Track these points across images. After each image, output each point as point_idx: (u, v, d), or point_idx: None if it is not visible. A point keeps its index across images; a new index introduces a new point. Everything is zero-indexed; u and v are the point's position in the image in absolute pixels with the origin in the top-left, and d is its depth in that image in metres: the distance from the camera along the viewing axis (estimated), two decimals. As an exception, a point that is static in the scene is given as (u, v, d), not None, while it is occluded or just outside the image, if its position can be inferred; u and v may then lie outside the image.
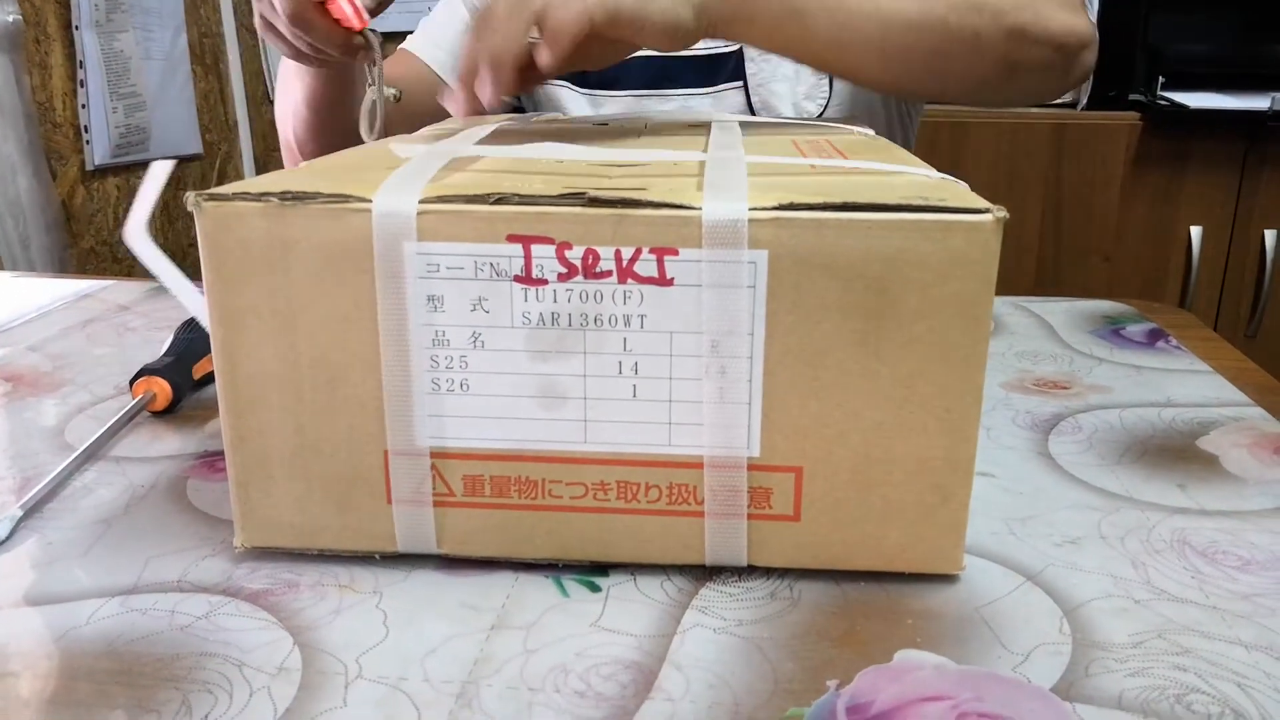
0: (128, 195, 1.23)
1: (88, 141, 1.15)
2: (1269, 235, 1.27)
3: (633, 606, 0.36)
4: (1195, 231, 1.29)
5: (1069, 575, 0.38)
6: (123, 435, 0.51)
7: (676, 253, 0.34)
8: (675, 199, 0.34)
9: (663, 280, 0.35)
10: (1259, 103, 1.23)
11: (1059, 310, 0.74)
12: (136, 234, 0.42)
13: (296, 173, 0.39)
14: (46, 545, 0.40)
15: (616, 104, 0.89)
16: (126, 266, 1.24)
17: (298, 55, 0.65)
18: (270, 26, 0.64)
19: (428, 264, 0.35)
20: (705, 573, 0.38)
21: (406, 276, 0.35)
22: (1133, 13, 1.28)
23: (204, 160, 1.37)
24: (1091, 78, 1.30)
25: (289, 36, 0.61)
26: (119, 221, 1.22)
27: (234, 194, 0.35)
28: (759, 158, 0.42)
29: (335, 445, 0.37)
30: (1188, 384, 0.58)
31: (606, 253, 0.34)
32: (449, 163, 0.40)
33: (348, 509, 0.38)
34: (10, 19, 1.02)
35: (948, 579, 0.38)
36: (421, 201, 0.35)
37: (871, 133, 0.58)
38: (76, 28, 1.11)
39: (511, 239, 0.34)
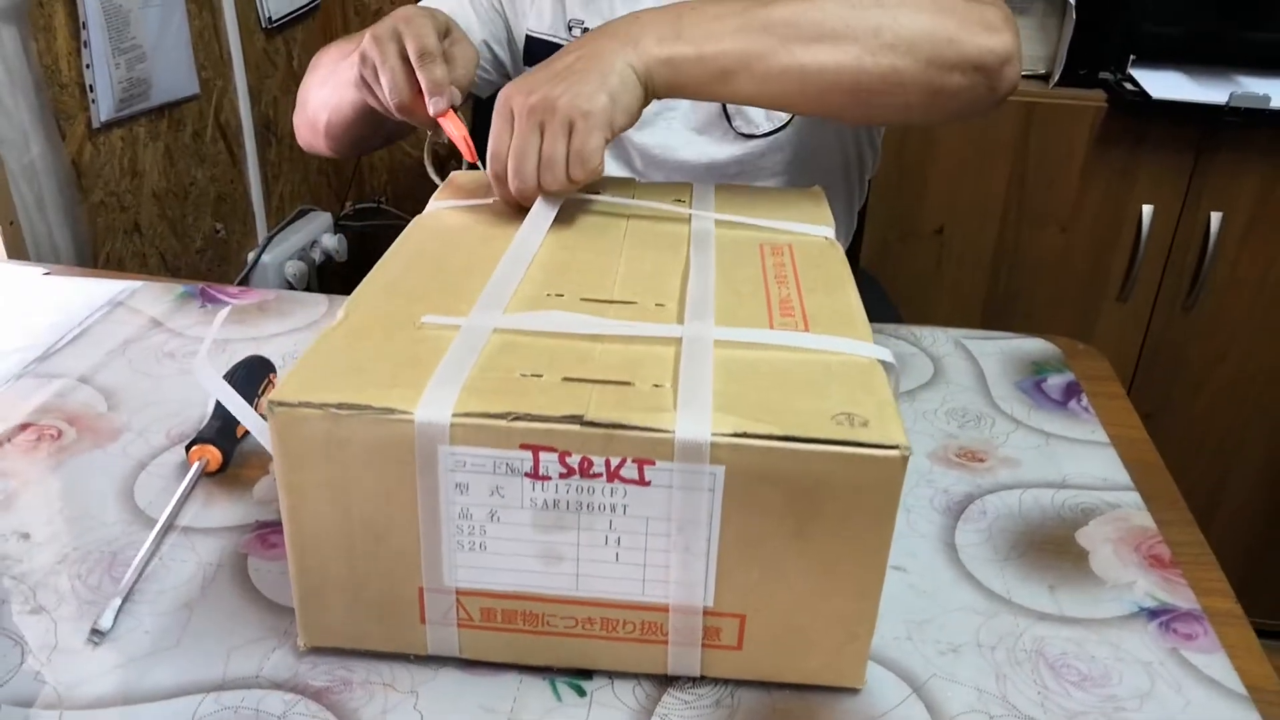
0: (131, 145, 1.28)
1: (93, 100, 1.18)
2: (1214, 217, 1.36)
3: (611, 712, 0.47)
4: (1147, 209, 1.37)
5: (946, 687, 0.49)
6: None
7: (654, 463, 0.44)
8: (654, 423, 0.43)
9: (642, 482, 0.44)
10: (1218, 93, 1.28)
11: (993, 352, 0.83)
12: (202, 368, 0.51)
13: (348, 371, 0.46)
14: (144, 634, 0.51)
15: None
16: (132, 216, 1.29)
17: (379, 108, 0.72)
18: (368, 87, 0.71)
19: (456, 460, 0.44)
20: (667, 680, 0.49)
21: (440, 470, 0.44)
22: (1110, -6, 1.31)
23: (201, 98, 1.40)
24: (1066, 55, 1.35)
25: (383, 104, 0.70)
26: (124, 172, 1.27)
27: (299, 402, 0.44)
28: (728, 331, 0.51)
29: (380, 581, 0.47)
30: (1085, 460, 0.69)
31: (599, 460, 0.44)
32: (477, 356, 0.47)
33: (389, 624, 0.48)
34: (16, -9, 1.05)
35: (853, 690, 0.49)
36: (454, 415, 0.43)
37: (830, 234, 0.65)
38: (78, -12, 1.13)
39: (524, 447, 0.44)
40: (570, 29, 0.93)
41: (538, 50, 0.95)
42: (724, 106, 0.92)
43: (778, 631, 0.47)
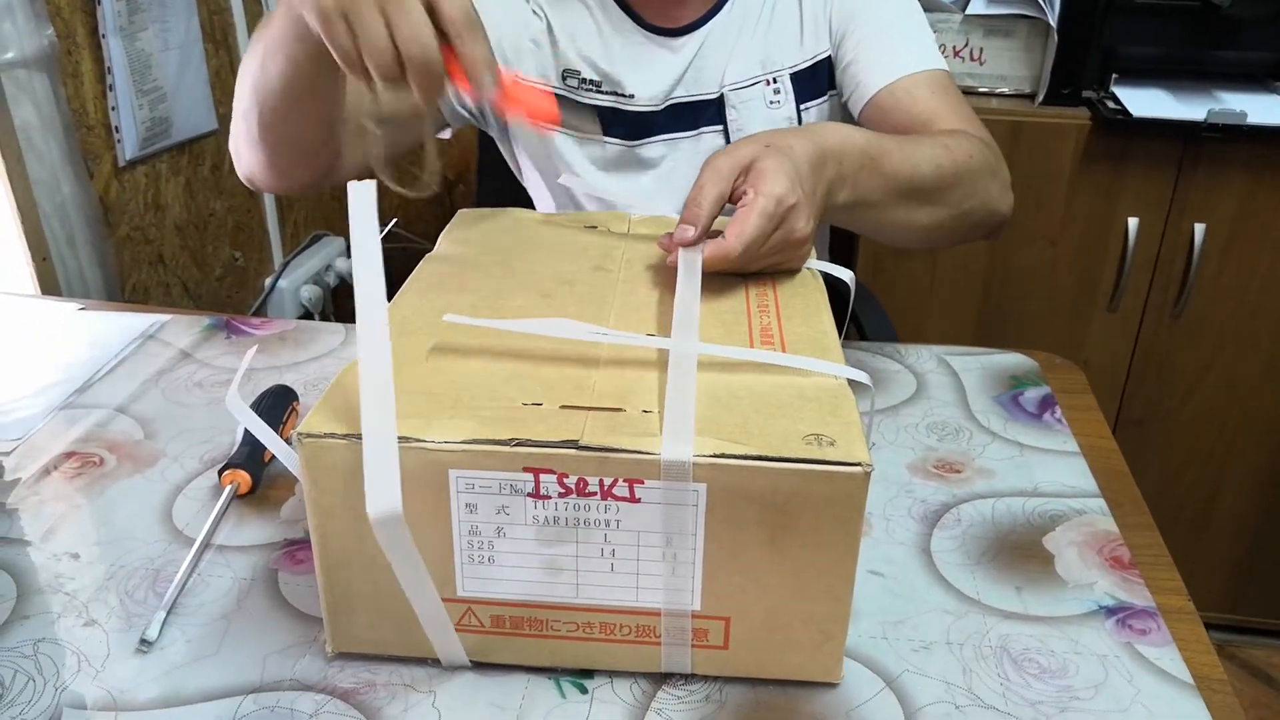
0: (154, 181, 1.34)
1: (119, 140, 1.24)
2: (1198, 228, 1.40)
3: (611, 708, 0.52)
4: (1133, 222, 1.42)
5: (916, 681, 0.54)
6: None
7: (643, 482, 0.49)
8: (642, 446, 0.48)
9: (633, 499, 0.49)
10: (1197, 110, 1.33)
11: (974, 368, 0.87)
12: (234, 401, 0.56)
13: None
14: (187, 643, 0.56)
15: (611, 148, 0.99)
16: (156, 248, 1.35)
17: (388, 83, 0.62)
18: (329, 52, 0.62)
19: (466, 483, 0.49)
20: (662, 677, 0.54)
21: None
22: (1089, 16, 1.36)
23: (219, 133, 1.47)
24: (1050, 75, 1.40)
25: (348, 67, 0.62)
26: (148, 206, 1.33)
27: (325, 433, 0.49)
28: (712, 347, 0.56)
29: (400, 592, 0.52)
30: (1055, 468, 0.73)
31: (593, 480, 0.49)
32: (484, 387, 0.52)
33: (408, 632, 0.53)
34: (47, 42, 1.11)
35: (831, 684, 0.54)
36: (462, 442, 0.48)
37: (810, 264, 0.70)
38: (104, 36, 1.20)
39: (526, 469, 0.49)
40: (565, 78, 0.97)
41: None
42: (726, 138, 0.97)
43: (760, 632, 0.52)
